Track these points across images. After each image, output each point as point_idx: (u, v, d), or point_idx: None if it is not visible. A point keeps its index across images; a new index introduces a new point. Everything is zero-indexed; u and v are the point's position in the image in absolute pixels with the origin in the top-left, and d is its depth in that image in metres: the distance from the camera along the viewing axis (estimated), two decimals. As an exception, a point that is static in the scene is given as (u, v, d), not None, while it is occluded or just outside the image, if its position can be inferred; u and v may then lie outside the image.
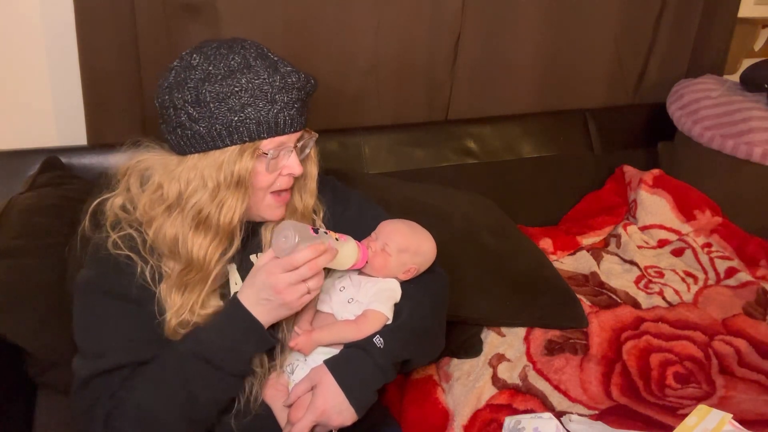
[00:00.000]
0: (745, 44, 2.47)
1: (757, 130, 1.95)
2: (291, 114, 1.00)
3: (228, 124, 0.96)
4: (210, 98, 0.95)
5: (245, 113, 0.96)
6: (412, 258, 1.15)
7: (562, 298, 1.57)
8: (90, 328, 1.01)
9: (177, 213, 1.00)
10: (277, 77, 0.97)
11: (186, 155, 1.00)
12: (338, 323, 1.09)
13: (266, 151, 0.99)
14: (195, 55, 0.98)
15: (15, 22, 1.60)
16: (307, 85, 1.02)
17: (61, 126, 1.71)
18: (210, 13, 1.68)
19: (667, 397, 1.36)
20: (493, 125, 2.06)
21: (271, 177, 1.03)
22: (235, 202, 0.99)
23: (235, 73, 0.95)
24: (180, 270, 1.01)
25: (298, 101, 1.00)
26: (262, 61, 0.98)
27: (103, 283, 1.01)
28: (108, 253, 1.01)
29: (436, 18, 1.92)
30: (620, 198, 2.10)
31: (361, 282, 1.13)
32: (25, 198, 1.42)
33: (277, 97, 0.97)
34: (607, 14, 2.14)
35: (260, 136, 0.98)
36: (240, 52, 0.98)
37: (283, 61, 1.01)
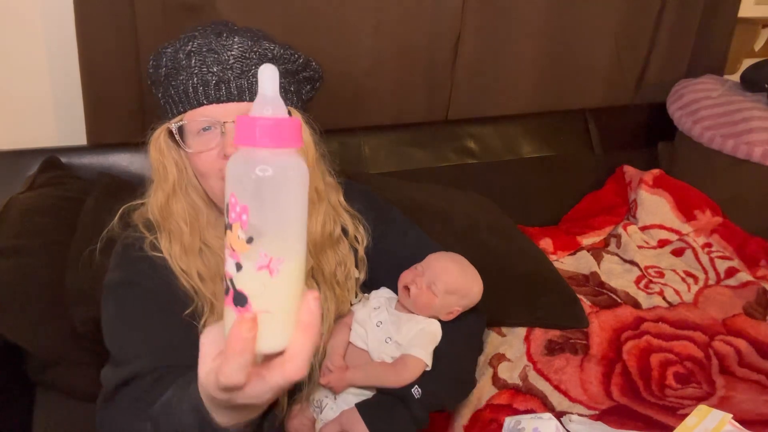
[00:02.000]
0: (745, 44, 2.47)
1: (757, 130, 1.95)
2: (205, 79, 0.83)
3: (169, 95, 0.87)
4: (152, 69, 0.90)
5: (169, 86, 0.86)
6: (459, 300, 1.07)
7: (562, 298, 1.57)
8: (121, 332, 0.91)
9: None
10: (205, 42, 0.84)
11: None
12: (375, 365, 1.00)
13: (181, 122, 0.86)
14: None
15: (15, 22, 1.60)
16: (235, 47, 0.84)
17: (61, 126, 1.71)
18: (210, 13, 1.68)
19: (667, 397, 1.36)
20: (493, 125, 2.06)
21: (205, 158, 0.86)
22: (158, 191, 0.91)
23: (174, 44, 0.87)
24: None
25: (216, 64, 0.84)
26: (211, 29, 0.87)
27: (136, 283, 0.92)
28: (144, 254, 0.93)
29: (436, 18, 1.92)
30: (620, 198, 2.10)
31: (401, 319, 1.03)
32: (25, 198, 1.42)
33: (185, 62, 0.84)
34: (607, 14, 2.14)
35: (179, 111, 0.86)
36: (201, 26, 0.89)
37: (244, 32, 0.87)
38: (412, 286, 1.03)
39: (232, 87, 0.83)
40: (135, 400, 0.82)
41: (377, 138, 1.89)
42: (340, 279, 1.01)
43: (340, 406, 1.00)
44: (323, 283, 0.99)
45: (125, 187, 1.56)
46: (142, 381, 0.84)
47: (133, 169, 1.64)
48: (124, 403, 0.84)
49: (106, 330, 0.92)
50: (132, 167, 1.64)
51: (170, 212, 0.91)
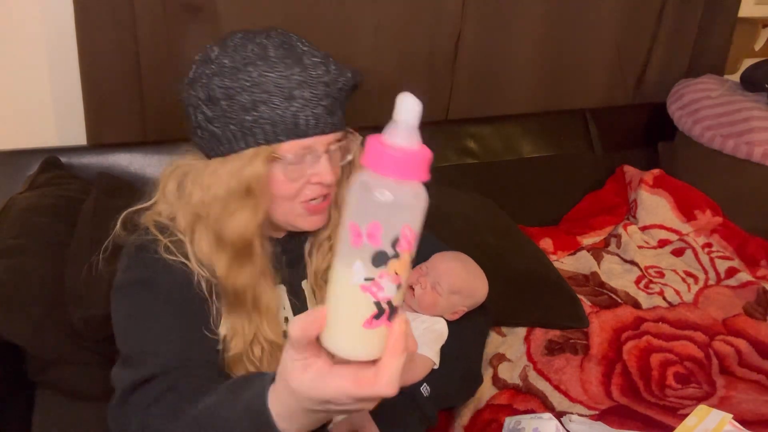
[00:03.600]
0: (745, 44, 2.47)
1: (758, 130, 1.95)
2: (316, 113, 0.85)
3: (241, 123, 0.84)
4: (220, 95, 0.83)
5: (259, 112, 0.83)
6: (464, 300, 1.08)
7: (562, 298, 1.57)
8: (136, 331, 0.88)
9: (204, 227, 0.89)
10: (296, 70, 0.82)
11: (210, 159, 0.89)
12: None
13: (287, 155, 0.85)
14: (216, 47, 0.87)
15: (15, 22, 1.60)
16: (339, 79, 0.86)
17: (61, 126, 1.71)
18: (210, 13, 1.67)
19: (667, 397, 1.36)
20: (493, 125, 2.06)
21: (296, 185, 0.88)
22: (246, 213, 0.86)
23: (248, 66, 0.82)
24: (223, 291, 0.91)
25: (327, 98, 0.85)
26: (283, 51, 0.84)
27: (153, 282, 0.89)
28: (158, 257, 0.89)
29: (436, 18, 1.92)
30: (620, 198, 2.10)
31: (407, 318, 1.04)
32: (25, 198, 1.42)
33: (295, 92, 0.83)
34: (607, 14, 2.14)
35: (277, 138, 0.84)
36: (261, 42, 0.84)
37: (314, 52, 0.86)
38: (416, 286, 1.03)
39: (336, 120, 0.87)
40: (155, 401, 0.81)
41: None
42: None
43: None
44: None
45: (125, 187, 1.56)
46: (160, 381, 0.82)
47: (133, 169, 1.64)
48: (142, 403, 0.82)
49: (118, 329, 0.90)
50: (132, 167, 1.64)
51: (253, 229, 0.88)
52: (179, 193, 0.93)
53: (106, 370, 1.23)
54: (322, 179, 0.88)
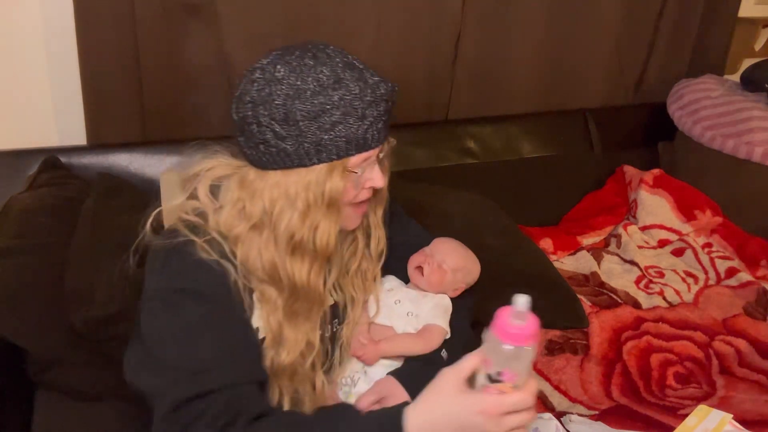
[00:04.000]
0: (745, 44, 2.47)
1: (758, 130, 1.95)
2: (379, 128, 0.93)
3: (317, 142, 0.89)
4: (300, 116, 0.87)
5: (336, 131, 0.89)
6: (464, 278, 1.20)
7: (562, 298, 1.57)
8: (182, 340, 0.88)
9: (268, 235, 0.93)
10: (368, 91, 0.90)
11: (266, 170, 0.93)
12: (403, 336, 1.10)
13: (355, 169, 0.93)
14: (279, 66, 0.90)
15: (15, 22, 1.60)
16: (393, 94, 0.95)
17: (61, 126, 1.71)
18: (210, 13, 1.67)
19: (667, 397, 1.36)
20: (493, 125, 2.06)
21: (356, 192, 0.96)
22: (329, 223, 0.92)
23: (327, 89, 0.88)
24: (286, 298, 0.95)
25: (386, 113, 0.94)
26: (351, 72, 0.91)
27: (197, 293, 0.90)
28: (198, 258, 0.91)
29: (436, 18, 1.92)
30: (620, 198, 2.10)
31: (416, 297, 1.15)
32: (25, 198, 1.42)
33: (367, 112, 0.90)
34: (607, 14, 2.14)
35: (349, 153, 0.91)
36: (327, 63, 0.90)
37: (367, 69, 0.94)
38: (425, 266, 1.14)
39: (388, 129, 0.96)
40: (214, 418, 0.83)
41: (377, 138, 1.89)
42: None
43: (371, 378, 1.08)
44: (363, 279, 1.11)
45: (125, 187, 1.56)
46: (217, 397, 0.85)
47: (133, 169, 1.64)
48: (201, 419, 0.83)
49: (158, 338, 0.90)
50: (132, 167, 1.64)
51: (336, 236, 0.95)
52: (214, 195, 0.96)
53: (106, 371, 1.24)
54: (376, 184, 0.97)
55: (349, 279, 1.08)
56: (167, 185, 1.51)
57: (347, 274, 1.08)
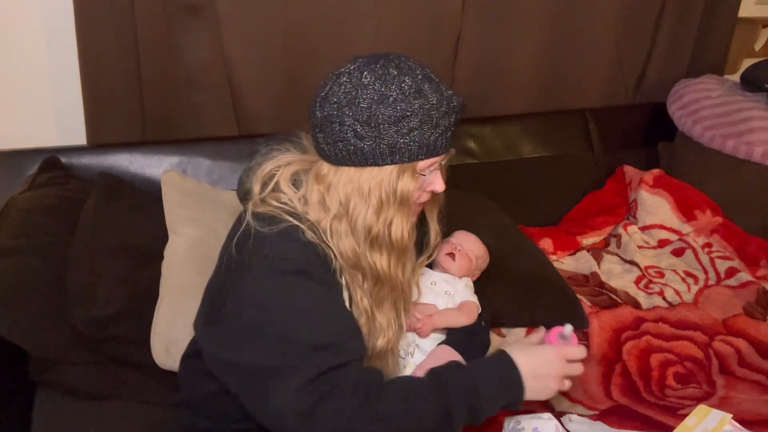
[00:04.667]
0: (745, 44, 2.47)
1: (758, 130, 1.95)
2: (447, 137, 1.02)
3: (393, 144, 0.97)
4: (382, 119, 0.95)
5: (411, 136, 0.97)
6: (482, 264, 1.43)
7: (562, 298, 1.57)
8: (306, 318, 0.95)
9: (347, 228, 1.00)
10: (444, 102, 0.98)
11: (339, 166, 1.00)
12: (451, 310, 1.28)
13: (423, 172, 1.01)
14: (365, 73, 0.98)
15: (15, 22, 1.60)
16: (463, 108, 1.04)
17: (61, 126, 1.71)
18: (210, 13, 1.68)
19: (667, 397, 1.36)
20: (493, 125, 2.06)
21: (419, 193, 1.04)
22: (402, 219, 1.01)
23: (409, 97, 0.96)
24: (372, 285, 1.03)
25: (455, 124, 1.03)
26: (430, 84, 0.98)
27: (306, 268, 0.97)
28: (306, 241, 0.98)
29: (436, 18, 1.92)
30: (620, 198, 2.10)
31: (449, 279, 1.33)
32: (25, 198, 1.42)
33: (440, 121, 0.99)
34: (607, 14, 2.14)
35: (419, 157, 0.99)
36: (409, 74, 0.98)
37: (442, 82, 1.02)
38: (456, 253, 1.35)
39: (452, 140, 1.05)
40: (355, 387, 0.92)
41: (377, 138, 1.89)
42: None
43: (424, 349, 1.24)
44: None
45: (126, 186, 1.56)
46: (351, 368, 0.94)
47: (133, 169, 1.64)
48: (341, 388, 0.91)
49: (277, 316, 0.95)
50: (132, 167, 1.64)
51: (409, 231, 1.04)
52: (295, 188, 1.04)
53: (106, 370, 1.24)
54: (437, 189, 1.06)
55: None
56: (168, 185, 1.51)
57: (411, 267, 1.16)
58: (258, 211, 1.01)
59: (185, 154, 1.68)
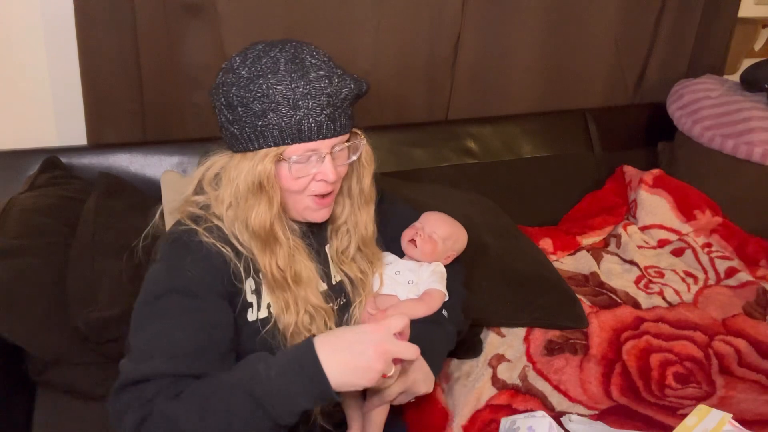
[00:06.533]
0: (745, 44, 2.47)
1: (757, 130, 1.95)
2: (318, 120, 0.95)
3: (254, 127, 0.95)
4: (236, 102, 0.94)
5: (268, 118, 0.94)
6: (453, 245, 1.29)
7: (562, 298, 1.57)
8: (146, 328, 0.94)
9: (236, 214, 1.00)
10: (301, 83, 0.93)
11: (234, 155, 1.00)
12: (407, 302, 1.19)
13: (293, 157, 0.97)
14: (238, 58, 0.98)
15: (15, 22, 1.60)
16: (342, 90, 0.97)
17: (61, 126, 1.71)
18: (210, 13, 1.68)
19: (667, 397, 1.36)
20: (493, 125, 2.06)
21: (302, 181, 1.00)
22: (262, 206, 0.98)
23: (259, 78, 0.94)
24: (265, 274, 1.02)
25: (329, 107, 0.96)
26: (292, 65, 0.94)
27: (176, 276, 0.96)
28: (197, 244, 0.97)
29: (436, 18, 1.92)
30: (620, 198, 2.10)
31: (414, 266, 1.24)
32: (25, 198, 1.42)
33: (300, 103, 0.94)
34: (607, 14, 2.14)
35: (284, 141, 0.96)
36: (274, 56, 0.95)
37: (320, 65, 0.96)
38: (417, 238, 1.23)
39: (338, 126, 0.98)
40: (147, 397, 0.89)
41: (377, 138, 1.87)
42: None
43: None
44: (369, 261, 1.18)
45: (125, 187, 1.56)
46: (162, 380, 0.90)
47: (133, 169, 1.64)
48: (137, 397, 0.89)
49: (134, 322, 0.96)
50: (132, 167, 1.64)
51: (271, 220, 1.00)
52: (216, 183, 1.03)
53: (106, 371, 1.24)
54: (325, 177, 1.00)
55: (350, 263, 1.14)
56: (168, 185, 1.51)
57: (347, 259, 1.14)
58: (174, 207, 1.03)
59: (185, 154, 1.69)
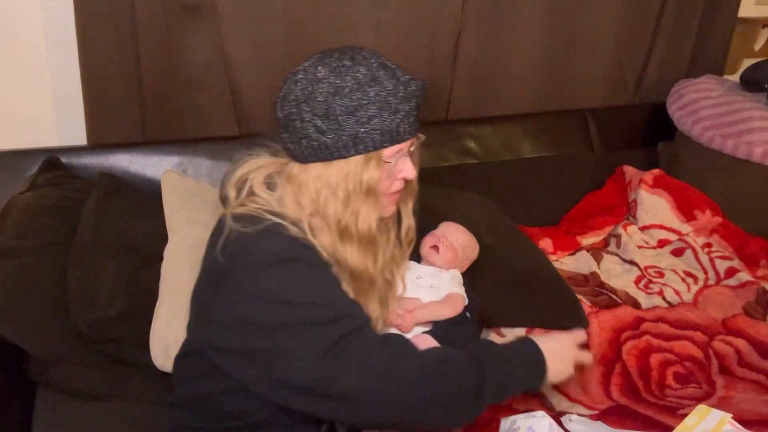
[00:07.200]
0: (745, 44, 2.47)
1: (757, 130, 1.95)
2: (410, 121, 1.02)
3: (354, 135, 0.98)
4: (340, 111, 0.97)
5: (371, 124, 0.98)
6: (470, 255, 1.40)
7: (562, 298, 1.57)
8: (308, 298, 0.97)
9: (322, 223, 1.02)
10: (400, 88, 0.99)
11: (307, 164, 1.02)
12: (434, 303, 1.26)
13: (389, 160, 1.02)
14: (320, 68, 0.99)
15: (15, 23, 1.60)
16: (423, 91, 1.03)
17: (61, 126, 1.71)
18: (210, 13, 1.68)
19: (667, 397, 1.36)
20: (493, 125, 2.06)
21: (389, 181, 1.06)
22: (368, 209, 1.02)
23: (363, 86, 0.97)
24: (348, 278, 1.05)
25: (417, 108, 1.03)
26: (385, 71, 0.99)
27: (301, 255, 0.99)
28: (290, 236, 1.00)
29: (436, 18, 1.92)
30: (620, 198, 2.10)
31: (434, 272, 1.31)
32: (25, 198, 1.42)
33: (399, 106, 0.99)
34: (607, 14, 2.14)
35: (383, 145, 1.00)
36: (363, 63, 0.99)
37: (399, 68, 1.02)
38: (440, 245, 1.32)
39: (418, 124, 1.06)
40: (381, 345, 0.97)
41: (377, 138, 1.89)
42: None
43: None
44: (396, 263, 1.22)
45: (125, 187, 1.56)
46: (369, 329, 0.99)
47: (133, 169, 1.64)
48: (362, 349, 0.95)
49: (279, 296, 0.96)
50: (132, 167, 1.64)
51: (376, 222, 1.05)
52: (270, 190, 1.05)
53: (107, 371, 1.24)
54: (407, 175, 1.07)
55: (384, 264, 1.17)
56: (168, 185, 1.51)
57: (383, 260, 1.16)
58: (238, 212, 1.02)
59: (185, 154, 1.69)
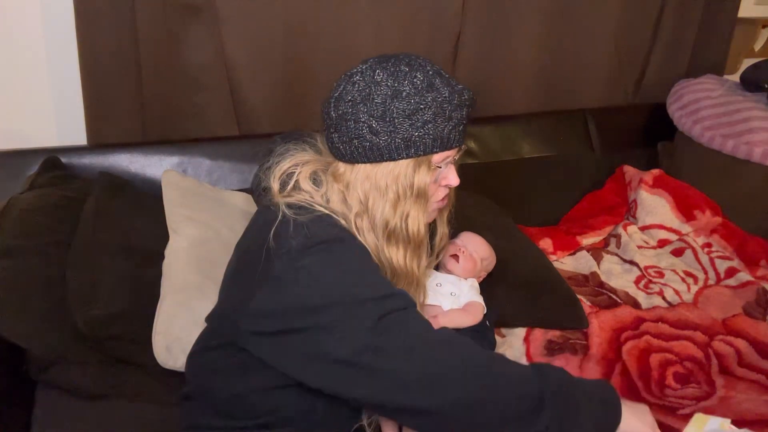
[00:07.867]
0: (745, 44, 2.47)
1: (757, 130, 1.95)
2: (460, 130, 1.04)
3: (408, 138, 0.99)
4: (397, 114, 0.98)
5: (425, 129, 1.00)
6: (488, 266, 1.44)
7: (562, 298, 1.57)
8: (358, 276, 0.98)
9: (368, 224, 1.04)
10: (455, 96, 1.01)
11: (355, 164, 1.03)
12: (456, 311, 1.29)
13: (439, 165, 1.04)
14: (378, 71, 1.01)
15: (15, 22, 1.60)
16: (473, 101, 1.05)
17: (61, 126, 1.71)
18: (210, 13, 1.68)
19: (667, 397, 1.36)
20: (493, 125, 2.06)
21: (435, 187, 1.07)
22: (418, 212, 1.04)
23: (421, 91, 0.99)
24: (389, 278, 1.06)
25: (467, 117, 1.05)
26: (440, 79, 1.01)
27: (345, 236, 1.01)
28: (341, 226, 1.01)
29: (436, 18, 1.92)
30: (620, 198, 2.10)
31: (454, 280, 1.34)
32: (25, 198, 1.42)
33: (453, 114, 1.01)
34: (607, 14, 2.14)
35: (433, 150, 1.01)
36: (420, 70, 1.01)
37: (452, 77, 1.04)
38: (460, 255, 1.35)
39: (465, 133, 1.07)
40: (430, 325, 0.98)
41: (377, 138, 1.89)
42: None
43: None
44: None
45: (125, 187, 1.56)
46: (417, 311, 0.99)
47: (133, 169, 1.64)
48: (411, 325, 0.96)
49: (322, 280, 0.95)
50: (132, 167, 1.64)
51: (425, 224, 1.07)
52: (314, 183, 1.06)
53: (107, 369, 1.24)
54: (451, 182, 1.08)
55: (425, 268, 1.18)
56: (168, 185, 1.51)
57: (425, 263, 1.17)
58: (290, 201, 1.02)
59: (185, 154, 1.69)
